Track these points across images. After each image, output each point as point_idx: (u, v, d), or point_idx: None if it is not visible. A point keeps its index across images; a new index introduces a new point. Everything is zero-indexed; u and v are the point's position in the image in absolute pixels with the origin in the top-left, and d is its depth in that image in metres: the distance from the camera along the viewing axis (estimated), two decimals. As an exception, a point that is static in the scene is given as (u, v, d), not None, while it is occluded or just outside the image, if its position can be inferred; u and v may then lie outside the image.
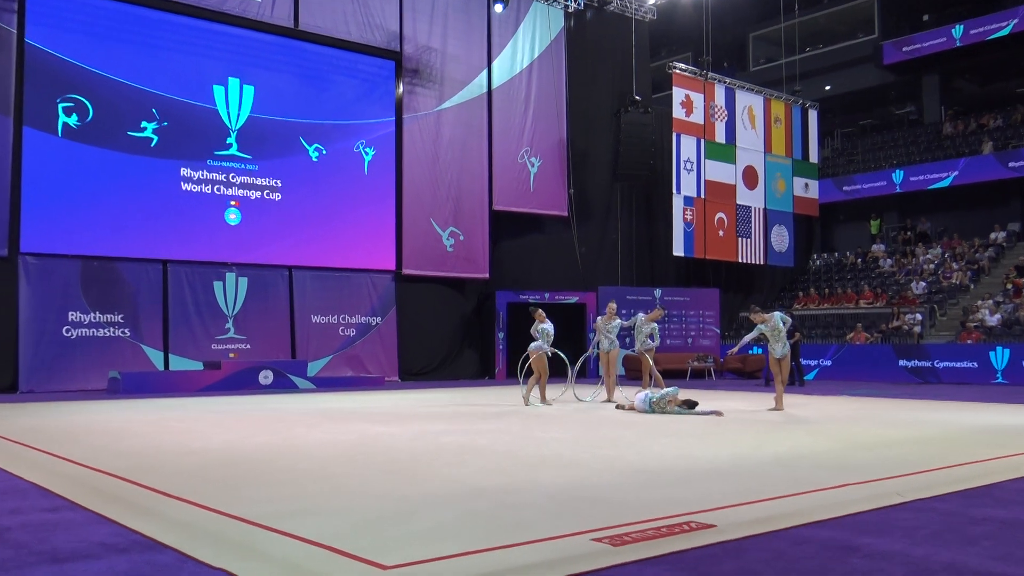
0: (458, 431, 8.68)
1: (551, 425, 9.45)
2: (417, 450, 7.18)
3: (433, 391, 16.36)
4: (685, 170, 23.98)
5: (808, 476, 5.81)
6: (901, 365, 20.08)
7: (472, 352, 21.97)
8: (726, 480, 5.67)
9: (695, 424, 9.51)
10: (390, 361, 20.06)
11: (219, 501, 4.92)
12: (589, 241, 23.90)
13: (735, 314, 26.45)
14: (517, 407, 12.04)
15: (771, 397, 12.27)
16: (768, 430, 8.97)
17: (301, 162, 19.21)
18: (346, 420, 9.97)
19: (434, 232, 20.82)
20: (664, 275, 25.60)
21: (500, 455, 6.87)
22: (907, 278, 25.15)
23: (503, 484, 5.50)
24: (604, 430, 8.93)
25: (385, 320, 20.12)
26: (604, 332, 13.26)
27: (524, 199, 22.13)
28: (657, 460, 6.60)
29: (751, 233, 25.36)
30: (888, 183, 27.95)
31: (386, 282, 20.28)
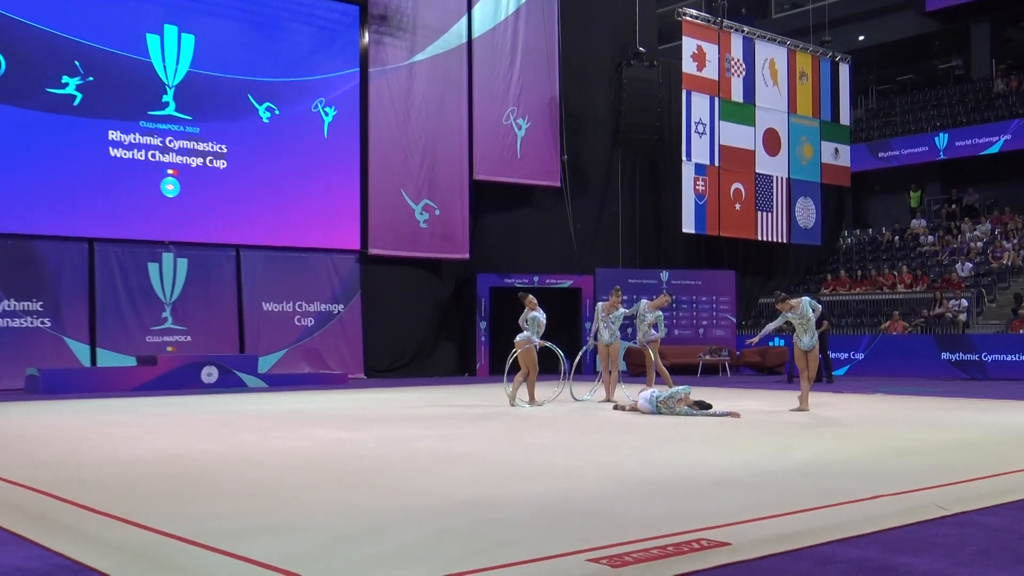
0: (434, 436, 8.70)
1: (541, 429, 9.48)
2: (386, 459, 7.19)
3: (404, 390, 16.36)
4: (696, 134, 24.02)
5: (836, 486, 5.86)
6: (944, 359, 20.25)
7: (450, 345, 21.99)
8: (742, 491, 5.72)
9: (707, 427, 9.57)
10: (354, 356, 20.07)
11: (157, 518, 4.92)
12: (585, 216, 23.93)
13: (753, 300, 26.57)
14: (502, 408, 12.06)
15: (794, 396, 12.36)
16: (790, 434, 9.04)
17: (250, 124, 19.12)
18: (304, 424, 9.96)
19: (405, 206, 20.78)
20: (672, 255, 25.69)
21: (482, 463, 6.90)
22: (951, 258, 25.33)
23: (486, 497, 5.53)
24: (602, 434, 8.97)
25: (348, 308, 20.10)
26: (605, 322, 13.30)
27: (510, 167, 22.11)
28: (663, 469, 6.65)
29: (772, 206, 25.46)
30: (930, 148, 28.09)
31: (349, 264, 20.25)
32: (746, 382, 19.07)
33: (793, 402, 12.09)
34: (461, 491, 5.72)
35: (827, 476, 6.31)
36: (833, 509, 5.17)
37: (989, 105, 28.32)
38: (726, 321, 23.46)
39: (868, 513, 5.10)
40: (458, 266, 22.17)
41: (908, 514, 5.08)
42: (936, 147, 27.97)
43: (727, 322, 23.47)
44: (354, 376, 19.69)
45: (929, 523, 4.93)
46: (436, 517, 4.97)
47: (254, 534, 4.60)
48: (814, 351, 11.70)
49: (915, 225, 28.04)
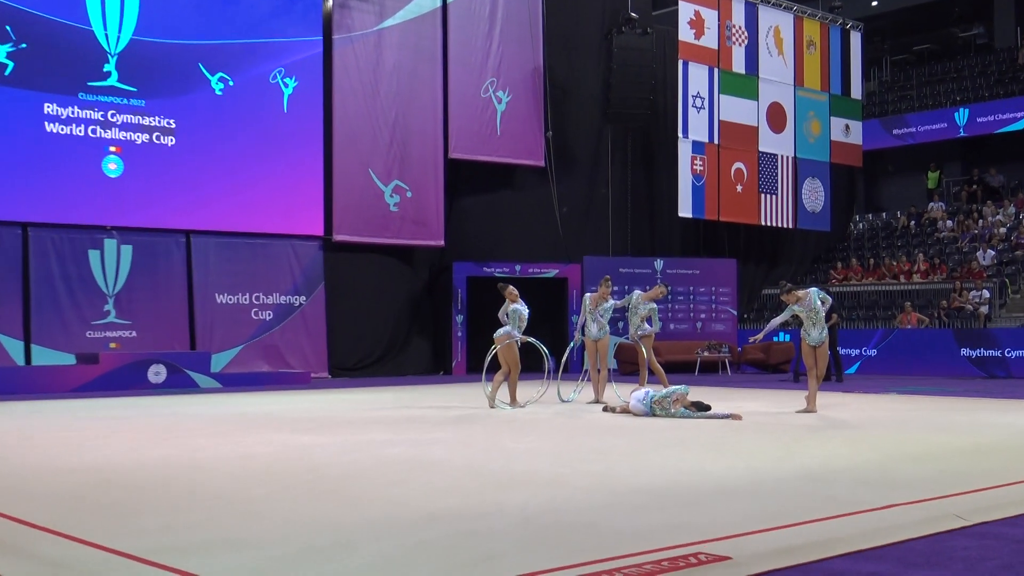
0: (406, 441, 8.71)
1: (524, 433, 9.50)
2: (354, 466, 7.20)
3: (373, 391, 16.33)
4: (694, 108, 24.07)
5: (846, 495, 5.91)
6: (963, 355, 20.40)
7: (423, 341, 21.98)
8: (744, 500, 5.76)
9: (705, 431, 9.61)
10: (317, 353, 20.04)
11: (101, 533, 4.91)
12: (572, 199, 23.94)
13: (756, 291, 26.68)
14: (481, 410, 12.06)
15: (801, 396, 12.43)
16: (796, 437, 9.10)
17: (201, 97, 19.01)
18: (262, 428, 9.94)
19: (374, 187, 20.74)
20: (667, 242, 25.75)
21: (459, 471, 6.91)
22: (972, 245, 25.50)
23: (463, 508, 5.54)
24: (591, 439, 9.00)
25: (311, 300, 20.06)
26: (593, 315, 13.32)
27: (489, 145, 22.10)
28: (657, 476, 6.68)
29: (777, 188, 25.56)
30: (949, 125, 28.25)
31: (312, 251, 20.20)
32: (748, 381, 19.16)
33: (799, 403, 12.16)
34: (436, 501, 5.73)
35: (836, 484, 6.36)
36: (842, 520, 5.22)
37: (1014, 78, 28.50)
38: (726, 314, 23.55)
39: (880, 524, 5.14)
40: (432, 254, 22.13)
41: (924, 525, 5.12)
42: (956, 123, 28.13)
43: (727, 315, 23.56)
44: (317, 375, 19.65)
45: (946, 535, 4.98)
46: (409, 530, 4.98)
47: (209, 549, 4.60)
48: (823, 347, 11.76)
49: (932, 209, 28.21)
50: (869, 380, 18.81)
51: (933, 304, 23.03)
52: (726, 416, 10.68)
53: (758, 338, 12.46)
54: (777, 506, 5.57)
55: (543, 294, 21.44)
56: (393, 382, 18.75)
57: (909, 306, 22.09)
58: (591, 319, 13.39)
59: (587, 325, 13.46)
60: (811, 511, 5.39)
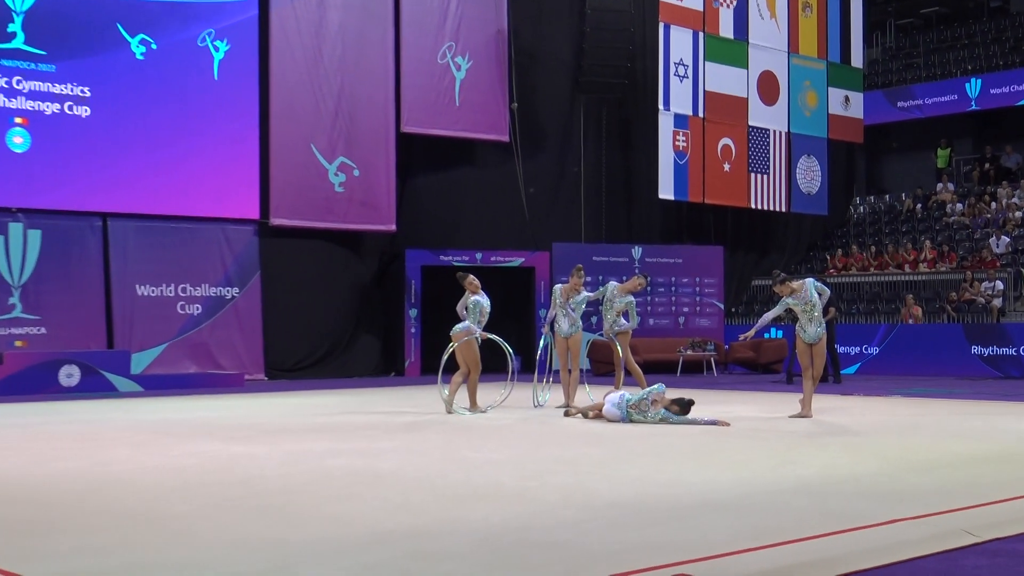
0: (352, 451, 8.68)
1: (485, 441, 9.50)
2: (292, 479, 7.17)
3: (315, 394, 16.28)
4: (676, 77, 24.13)
5: (845, 508, 5.96)
6: (974, 353, 20.61)
7: (371, 338, 21.92)
8: (730, 516, 5.78)
9: (687, 438, 9.65)
10: (252, 352, 19.96)
11: (6, 556, 4.86)
12: (540, 178, 23.93)
13: (745, 282, 26.81)
14: (437, 416, 12.06)
15: (795, 399, 12.51)
16: (790, 445, 9.15)
17: (119, 61, 18.83)
18: (189, 437, 9.89)
19: (316, 164, 20.64)
20: (646, 227, 25.81)
21: (412, 484, 6.91)
22: (984, 231, 25.76)
23: (416, 525, 5.53)
24: (560, 448, 9.01)
25: (245, 292, 19.97)
26: (564, 308, 13.33)
27: (447, 117, 22.05)
28: (635, 489, 6.70)
29: (769, 167, 25.69)
30: (960, 97, 28.48)
31: (246, 237, 20.11)
32: (736, 382, 19.25)
33: (793, 406, 12.23)
34: (387, 518, 5.72)
35: (834, 496, 6.40)
36: (841, 536, 5.25)
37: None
38: (712, 308, 23.66)
39: (884, 541, 5.18)
40: (382, 240, 22.06)
41: (931, 542, 5.17)
42: (967, 95, 28.37)
43: (713, 309, 23.68)
44: (252, 377, 19.56)
45: (956, 552, 5.02)
46: (356, 550, 4.97)
47: (127, 573, 4.55)
48: (820, 344, 11.82)
49: (941, 190, 28.45)
50: (871, 381, 18.95)
51: (941, 296, 23.24)
52: (711, 423, 10.71)
53: (748, 335, 12.50)
54: (768, 522, 5.60)
55: (507, 285, 21.42)
56: (338, 384, 18.69)
57: (911, 299, 22.26)
58: (561, 313, 13.38)
59: (557, 320, 13.45)
60: (806, 527, 5.43)
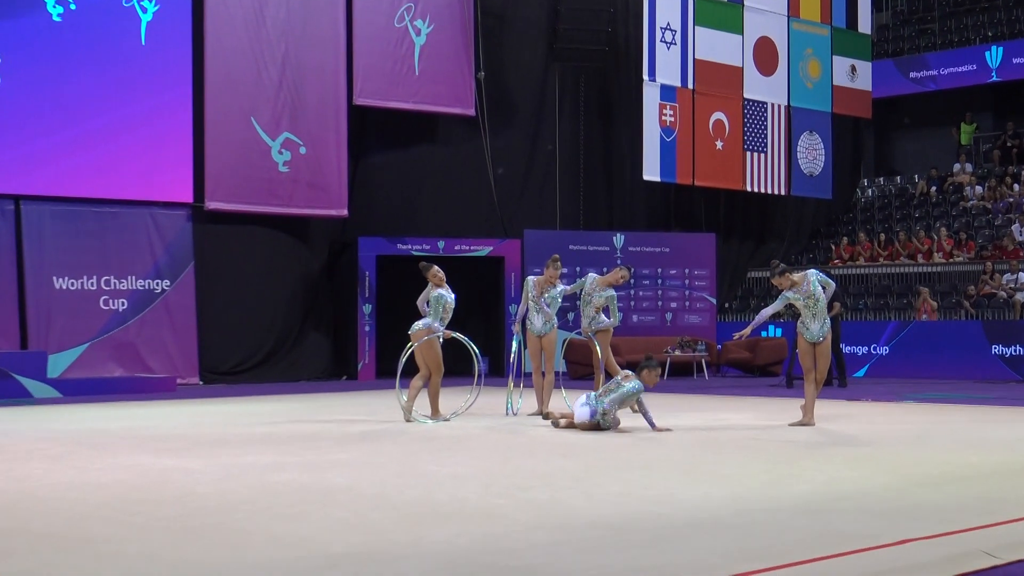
0: (299, 464, 8.67)
1: (449, 453, 9.50)
2: (232, 496, 7.14)
3: (257, 401, 16.23)
4: (663, 44, 24.16)
5: (850, 528, 5.99)
6: (995, 353, 20.76)
7: (320, 337, 21.87)
8: (724, 536, 5.80)
9: (676, 450, 9.68)
10: (186, 352, 19.91)
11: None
12: (511, 157, 23.92)
13: (740, 273, 26.89)
14: (395, 424, 12.04)
15: (795, 405, 12.57)
16: (790, 457, 9.19)
17: (34, 24, 18.73)
18: (115, 449, 9.84)
19: (258, 141, 20.55)
20: (629, 212, 25.84)
21: (366, 502, 6.90)
22: (1006, 217, 25.91)
23: (371, 547, 5.53)
24: (533, 460, 9.02)
25: (177, 285, 19.89)
26: (537, 303, 13.31)
27: (405, 88, 22.01)
28: (617, 507, 6.71)
29: (766, 145, 25.77)
30: (979, 67, 28.60)
31: (179, 223, 20.04)
32: (730, 386, 19.30)
33: (794, 414, 12.28)
34: (338, 540, 5.71)
35: (838, 514, 6.44)
36: (846, 559, 5.28)
37: (1057, 10, 28.96)
38: (703, 303, 23.73)
39: (893, 563, 5.21)
40: (332, 226, 22.01)
41: (946, 564, 5.20)
42: (987, 65, 28.50)
43: (704, 304, 23.74)
44: (185, 381, 19.51)
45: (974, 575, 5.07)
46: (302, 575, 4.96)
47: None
48: (824, 344, 11.86)
49: (958, 172, 28.61)
50: (880, 385, 19.05)
51: (958, 290, 23.37)
52: (654, 426, 10.93)
53: (744, 333, 12.41)
54: (766, 543, 5.62)
55: (474, 277, 21.42)
56: (282, 390, 18.64)
57: (926, 292, 22.36)
58: (534, 309, 13.37)
59: (529, 317, 13.44)
60: (808, 548, 5.45)
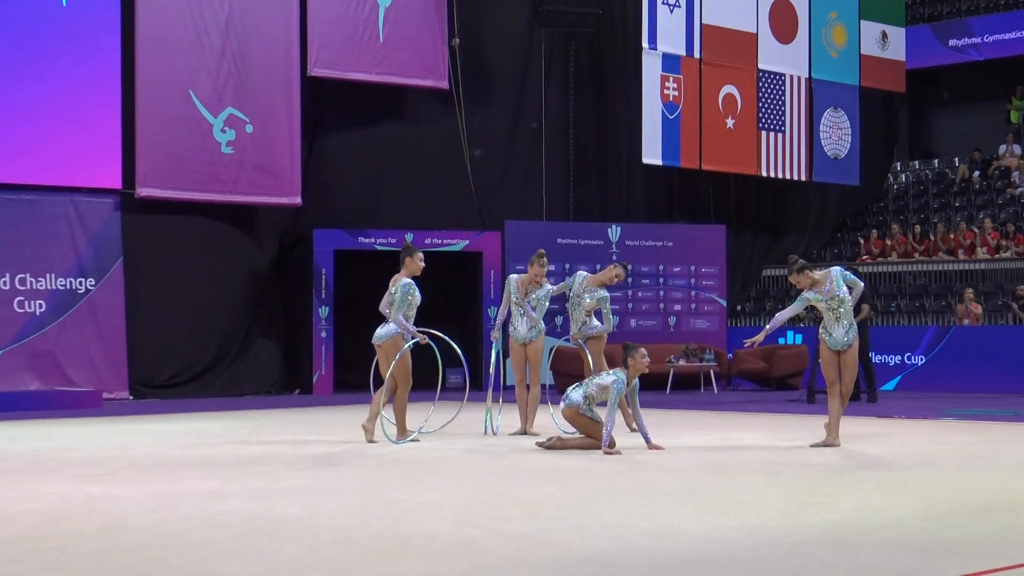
0: (245, 493, 8.64)
1: (419, 479, 9.47)
2: (166, 528, 7.11)
3: (196, 418, 16.18)
4: (666, 6, 24.16)
5: (881, 564, 5.98)
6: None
7: (269, 344, 21.80)
8: (735, 573, 5.79)
9: (680, 474, 9.68)
10: (113, 362, 19.88)
11: None
12: (490, 136, 23.90)
13: (754, 271, 26.90)
14: (356, 445, 12.03)
15: (818, 422, 12.57)
16: (812, 483, 9.19)
17: (-64, -20, 18.68)
18: (32, 475, 9.79)
19: (197, 118, 20.49)
20: (626, 201, 25.82)
21: (323, 535, 6.88)
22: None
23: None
24: (516, 487, 9.00)
25: (104, 284, 19.86)
26: (521, 306, 13.29)
27: (368, 57, 21.99)
28: (613, 540, 6.69)
29: (784, 124, 25.77)
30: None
31: (105, 212, 20.01)
32: (743, 402, 19.30)
33: (816, 432, 12.29)
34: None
35: (868, 548, 6.43)
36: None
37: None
38: (711, 306, 23.72)
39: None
40: (284, 217, 21.97)
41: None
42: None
43: (713, 307, 23.73)
44: (113, 396, 19.45)
45: (1024, 619, 5.07)
46: (248, 623, 4.94)
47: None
48: (850, 352, 11.86)
49: (1005, 154, 28.67)
50: (915, 400, 19.08)
51: (1005, 290, 23.42)
52: (646, 438, 11.24)
53: (756, 340, 12.35)
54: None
55: (447, 276, 21.40)
56: (225, 406, 18.58)
57: (968, 293, 22.39)
58: (518, 312, 13.33)
59: (512, 321, 13.39)
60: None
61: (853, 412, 15.13)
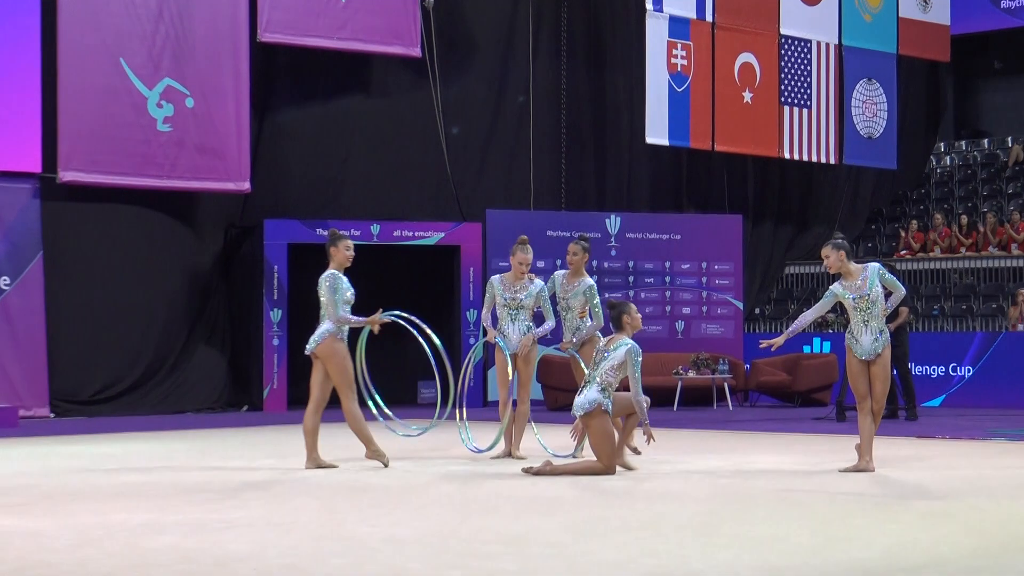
0: (183, 525, 8.63)
1: (385, 508, 9.49)
2: (94, 567, 7.10)
3: (126, 439, 16.22)
4: (673, -38, 24.22)
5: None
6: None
7: (212, 353, 21.80)
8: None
9: (688, 504, 9.68)
10: (31, 374, 19.91)
11: None
12: (469, 113, 23.95)
13: (776, 269, 26.92)
14: (313, 472, 12.04)
15: (848, 444, 12.59)
16: (842, 513, 9.20)
17: None
18: (-67, 504, 9.77)
19: (129, 91, 20.48)
20: (627, 187, 25.86)
21: (274, 574, 6.87)
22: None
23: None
24: (499, 518, 9.01)
25: (20, 284, 19.88)
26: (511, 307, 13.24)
27: (328, 20, 22.00)
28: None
29: (810, 97, 25.80)
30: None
31: (22, 200, 20.06)
32: (763, 419, 19.32)
33: (847, 456, 12.31)
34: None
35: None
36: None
37: None
38: (726, 308, 23.73)
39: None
40: (230, 205, 21.98)
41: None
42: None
43: (728, 310, 23.74)
44: (31, 413, 19.47)
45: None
46: None
47: None
48: (881, 362, 11.87)
49: (1064, 134, 28.80)
50: (962, 417, 19.10)
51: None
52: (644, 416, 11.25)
53: (777, 342, 12.23)
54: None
55: (419, 272, 21.42)
56: (161, 424, 18.61)
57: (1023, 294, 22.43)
58: (507, 317, 13.20)
59: (501, 327, 13.24)
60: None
61: (889, 431, 15.17)
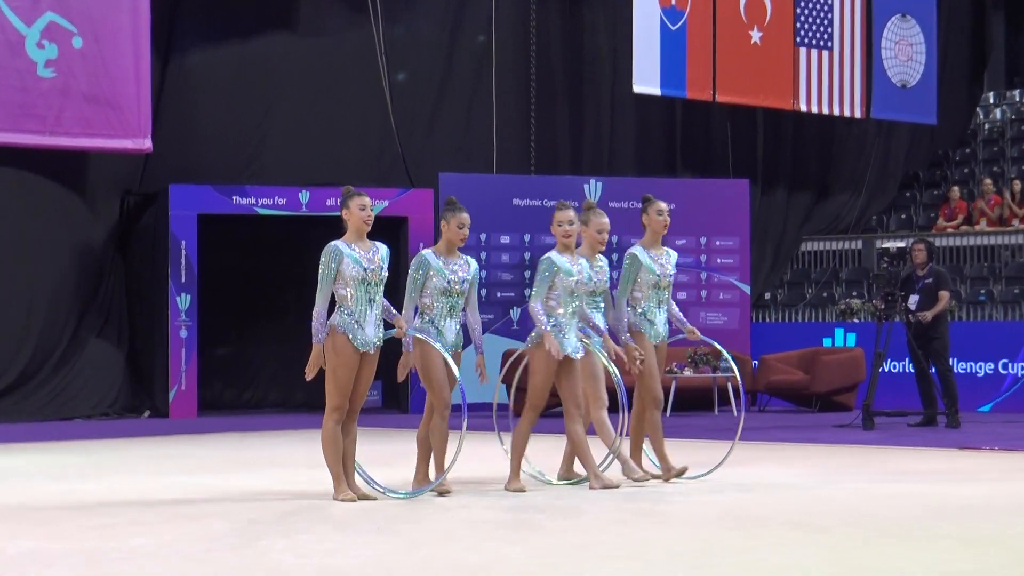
0: (75, 555, 8.65)
1: (319, 534, 9.54)
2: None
3: (5, 450, 16.27)
4: None
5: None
6: None
7: (106, 347, 21.79)
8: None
9: (685, 528, 9.75)
10: None
11: None
12: (418, 56, 23.96)
13: (789, 246, 26.92)
14: (231, 490, 12.14)
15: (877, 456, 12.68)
16: (868, 537, 9.29)
17: None
18: None
19: (3, 27, 20.43)
20: (609, 146, 25.87)
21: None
22: None
23: None
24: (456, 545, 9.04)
25: None
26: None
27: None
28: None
29: (832, 38, 25.84)
30: None
31: None
32: (774, 426, 19.37)
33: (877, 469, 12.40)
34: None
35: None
36: None
37: None
38: (730, 293, 23.76)
39: None
40: (128, 167, 21.95)
41: None
42: None
43: (732, 295, 23.77)
44: None
45: None
46: None
47: None
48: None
49: None
50: (1011, 424, 19.19)
51: None
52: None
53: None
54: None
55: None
56: (46, 434, 18.60)
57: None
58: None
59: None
60: None
61: (928, 441, 15.27)
